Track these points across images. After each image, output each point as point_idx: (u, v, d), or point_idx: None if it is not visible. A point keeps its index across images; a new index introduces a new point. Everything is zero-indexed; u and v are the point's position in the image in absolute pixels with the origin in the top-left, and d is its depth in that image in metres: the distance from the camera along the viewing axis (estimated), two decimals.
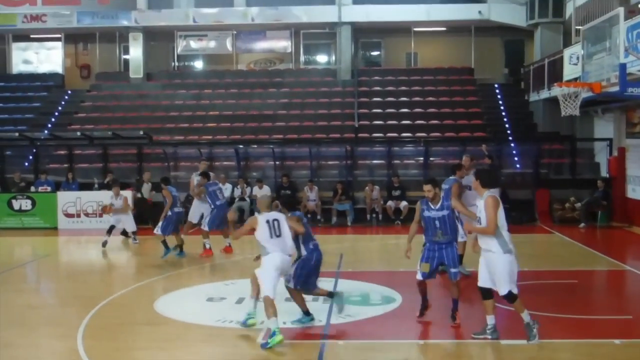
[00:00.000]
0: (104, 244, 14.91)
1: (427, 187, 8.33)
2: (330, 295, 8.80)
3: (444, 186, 11.19)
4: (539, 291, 10.29)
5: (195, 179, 15.00)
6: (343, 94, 25.97)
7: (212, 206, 13.85)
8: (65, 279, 12.64)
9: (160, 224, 13.50)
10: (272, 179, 20.63)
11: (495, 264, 7.47)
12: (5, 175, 21.30)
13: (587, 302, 9.90)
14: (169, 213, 13.52)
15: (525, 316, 7.54)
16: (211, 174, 15.11)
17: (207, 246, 13.68)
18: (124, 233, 16.32)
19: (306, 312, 8.58)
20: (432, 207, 8.28)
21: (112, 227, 15.32)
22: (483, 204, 7.49)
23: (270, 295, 7.83)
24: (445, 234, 8.24)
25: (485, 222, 7.42)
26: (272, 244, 8.01)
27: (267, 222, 8.07)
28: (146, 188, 18.78)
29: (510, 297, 7.52)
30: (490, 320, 7.64)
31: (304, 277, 8.38)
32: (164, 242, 13.44)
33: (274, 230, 8.05)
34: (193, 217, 14.77)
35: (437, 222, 8.23)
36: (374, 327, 8.48)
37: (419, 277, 8.42)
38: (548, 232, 17.28)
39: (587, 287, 11.16)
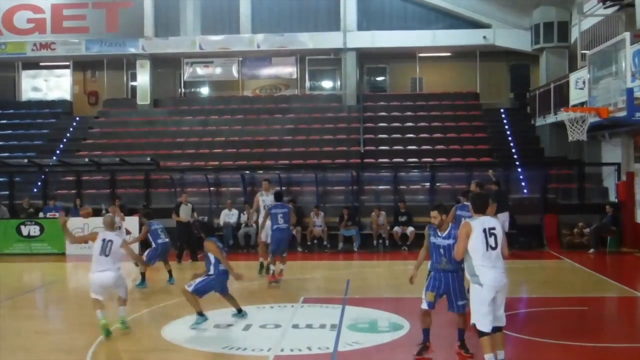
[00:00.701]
0: None
1: (433, 214, 8.12)
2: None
3: (466, 213, 11.13)
4: (549, 318, 10.19)
5: (262, 198, 14.52)
6: (348, 120, 26.07)
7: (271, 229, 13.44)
8: (73, 305, 12.59)
9: (146, 254, 13.51)
10: None
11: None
12: (15, 202, 21.40)
13: (597, 330, 9.79)
14: (153, 245, 13.48)
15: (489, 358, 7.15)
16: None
17: (272, 271, 13.45)
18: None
19: (200, 312, 9.62)
20: (439, 234, 8.05)
21: None
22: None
23: (94, 296, 9.29)
24: (450, 263, 7.93)
25: None
26: (99, 261, 9.27)
27: (103, 240, 9.29)
28: (185, 210, 17.47)
29: (477, 330, 7.24)
30: (500, 355, 7.32)
31: (202, 289, 9.66)
32: (144, 274, 13.43)
33: (105, 249, 9.24)
34: (265, 236, 14.58)
35: (441, 250, 7.97)
36: (382, 354, 8.41)
37: (424, 306, 8.08)
38: (557, 258, 17.16)
39: (598, 314, 11.04)
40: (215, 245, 9.84)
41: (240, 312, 10.17)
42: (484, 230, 7.15)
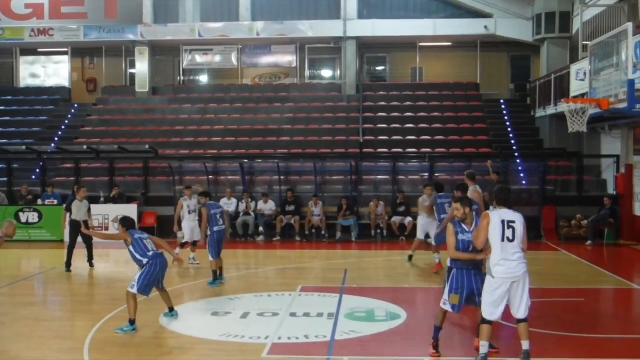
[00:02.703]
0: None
1: (455, 206, 7.65)
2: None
3: (445, 200, 11.06)
4: (546, 310, 10.20)
5: (421, 199, 14.54)
6: (348, 109, 26.01)
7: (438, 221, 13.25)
8: (72, 291, 12.64)
9: (208, 248, 12.48)
10: (277, 193, 20.63)
11: None
12: (13, 188, 21.36)
13: (594, 321, 9.81)
14: (208, 232, 12.45)
15: (483, 347, 7.29)
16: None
17: (437, 261, 13.44)
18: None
19: (132, 321, 8.96)
20: (466, 229, 7.54)
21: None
22: None
23: None
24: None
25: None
26: None
27: None
28: (81, 207, 14.43)
29: (481, 317, 7.39)
30: (525, 345, 7.31)
31: (147, 284, 9.08)
32: (215, 272, 12.39)
33: None
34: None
35: (470, 247, 7.45)
36: (379, 343, 8.42)
37: (447, 308, 7.63)
38: (554, 250, 17.19)
39: (595, 306, 11.06)
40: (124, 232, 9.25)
41: (171, 312, 9.68)
42: (502, 222, 7.20)
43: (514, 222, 7.24)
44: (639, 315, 10.97)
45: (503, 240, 7.18)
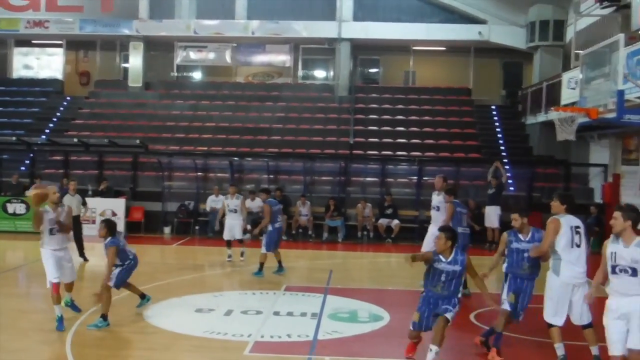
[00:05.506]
0: None
1: (514, 216, 7.96)
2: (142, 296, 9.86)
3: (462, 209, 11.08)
4: (528, 315, 10.26)
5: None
6: (339, 110, 26.04)
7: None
8: None
9: (264, 242, 13.04)
10: None
11: None
12: (2, 179, 21.28)
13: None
14: (270, 228, 12.95)
15: (558, 349, 7.61)
16: None
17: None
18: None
19: (105, 316, 9.01)
20: (522, 238, 7.91)
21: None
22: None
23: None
24: (532, 267, 7.89)
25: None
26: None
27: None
28: (72, 201, 14.37)
29: (546, 322, 7.71)
30: (595, 351, 7.59)
31: (123, 279, 9.35)
32: (263, 263, 12.97)
33: None
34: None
35: (525, 255, 7.81)
36: (361, 344, 8.47)
37: (505, 306, 7.92)
38: None
39: None
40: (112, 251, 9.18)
41: (144, 298, 9.88)
42: (571, 228, 7.47)
43: (579, 227, 7.55)
44: None
45: (572, 246, 7.42)
